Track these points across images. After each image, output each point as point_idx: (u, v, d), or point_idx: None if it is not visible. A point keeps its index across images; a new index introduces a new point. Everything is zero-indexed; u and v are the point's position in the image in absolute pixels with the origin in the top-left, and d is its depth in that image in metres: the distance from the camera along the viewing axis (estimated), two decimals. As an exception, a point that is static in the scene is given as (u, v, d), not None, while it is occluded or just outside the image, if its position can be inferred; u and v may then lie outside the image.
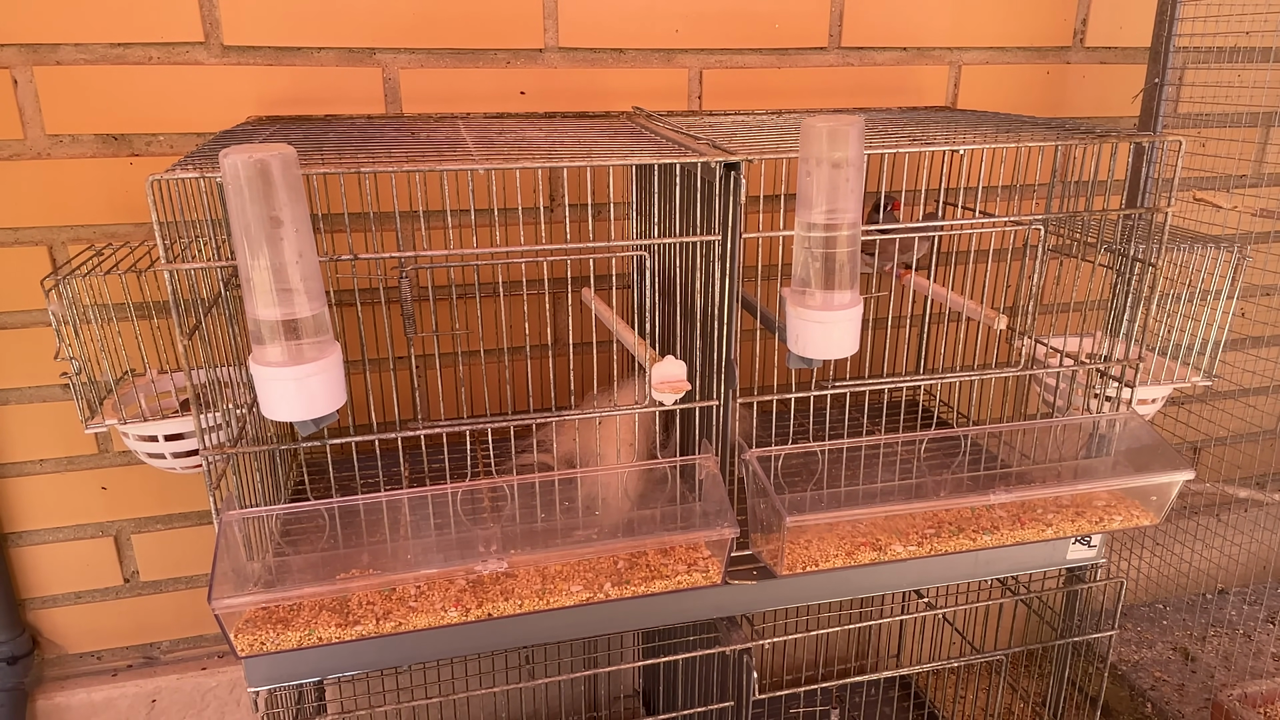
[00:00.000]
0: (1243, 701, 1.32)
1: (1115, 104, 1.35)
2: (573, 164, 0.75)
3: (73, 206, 1.05)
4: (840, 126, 0.69)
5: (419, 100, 1.10)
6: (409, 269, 0.82)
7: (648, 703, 1.42)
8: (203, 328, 0.75)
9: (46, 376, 1.10)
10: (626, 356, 1.12)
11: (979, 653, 1.15)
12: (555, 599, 0.81)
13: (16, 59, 0.99)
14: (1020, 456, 1.01)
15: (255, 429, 0.88)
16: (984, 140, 0.86)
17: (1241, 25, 1.21)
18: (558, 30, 1.11)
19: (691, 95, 1.19)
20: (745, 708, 0.97)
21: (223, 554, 0.73)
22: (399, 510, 0.82)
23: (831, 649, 1.54)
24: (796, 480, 0.94)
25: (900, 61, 1.25)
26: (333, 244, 1.10)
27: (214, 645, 1.28)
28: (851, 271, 0.74)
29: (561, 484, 0.88)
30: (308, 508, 0.80)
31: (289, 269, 0.61)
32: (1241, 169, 1.42)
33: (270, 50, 1.04)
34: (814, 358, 0.76)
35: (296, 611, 0.78)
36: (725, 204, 0.79)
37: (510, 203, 1.12)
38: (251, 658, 0.76)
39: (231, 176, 0.58)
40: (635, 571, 0.84)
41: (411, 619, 0.78)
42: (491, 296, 1.14)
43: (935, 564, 0.92)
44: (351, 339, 1.11)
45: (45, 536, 1.16)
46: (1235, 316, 1.48)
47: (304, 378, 0.63)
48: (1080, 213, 0.96)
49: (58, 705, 1.22)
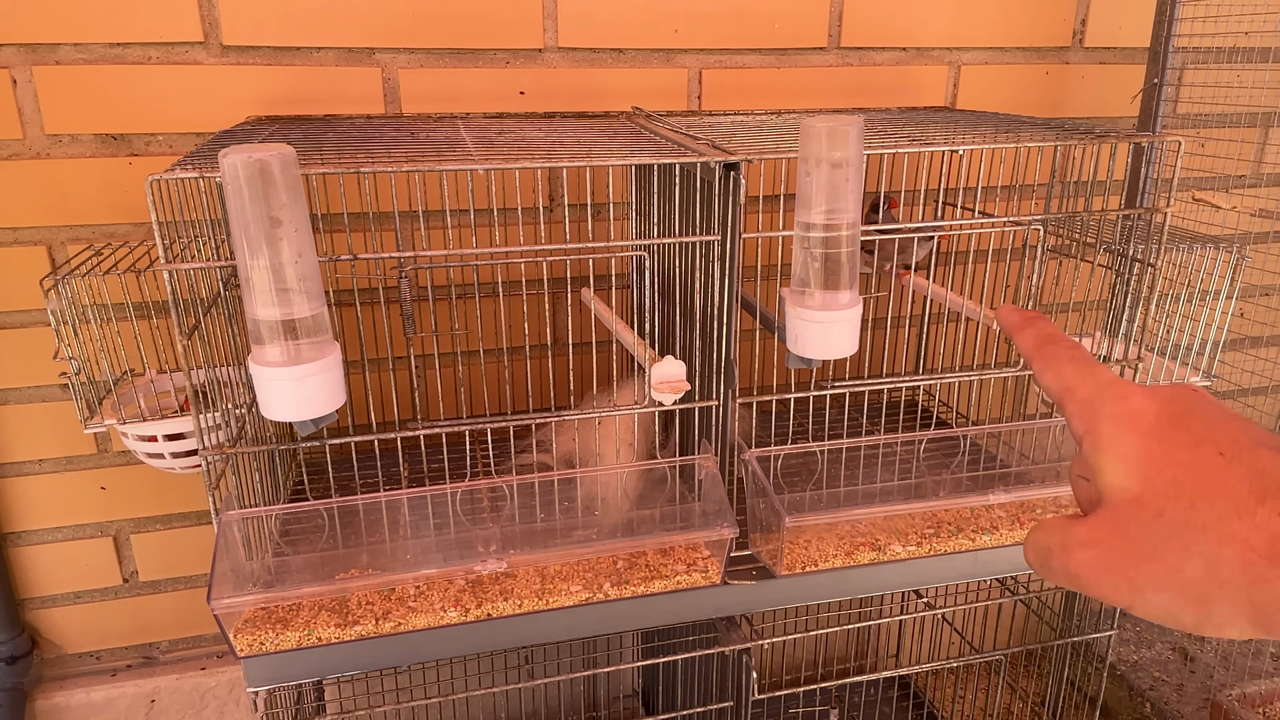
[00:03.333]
0: (1241, 701, 1.32)
1: (1114, 104, 1.35)
2: (572, 164, 0.75)
3: (72, 206, 1.04)
4: (840, 126, 0.69)
5: (418, 100, 1.10)
6: (408, 269, 0.82)
7: (647, 703, 1.42)
8: (202, 328, 0.75)
9: (46, 376, 1.09)
10: (626, 356, 1.12)
11: (978, 653, 1.15)
12: (555, 599, 0.81)
13: (16, 59, 0.99)
14: (1020, 456, 1.01)
15: (254, 429, 0.88)
16: (983, 140, 0.86)
17: (1241, 25, 1.21)
18: (557, 30, 1.11)
19: (691, 95, 1.19)
20: (745, 708, 0.97)
21: (222, 554, 0.73)
22: (398, 510, 0.82)
23: (831, 649, 1.54)
24: (796, 480, 0.94)
25: (899, 62, 1.25)
26: (332, 244, 1.10)
27: (213, 645, 1.28)
28: (851, 271, 0.74)
29: (561, 484, 0.88)
30: (307, 508, 0.80)
31: (288, 269, 0.61)
32: (1240, 169, 1.42)
33: (270, 50, 1.04)
34: (813, 358, 0.76)
35: (296, 611, 0.78)
36: (725, 204, 0.79)
37: (510, 203, 1.12)
38: (251, 658, 0.76)
39: (231, 176, 0.58)
40: (634, 571, 0.84)
41: (411, 619, 0.78)
42: (491, 296, 1.14)
43: (934, 564, 0.92)
44: (351, 339, 1.11)
45: (44, 536, 1.16)
46: (1234, 317, 1.48)
47: (303, 378, 0.63)
48: (1079, 213, 0.96)
49: (57, 705, 1.21)
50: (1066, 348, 0.38)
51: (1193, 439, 0.32)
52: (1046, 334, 0.40)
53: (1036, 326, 0.41)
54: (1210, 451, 0.31)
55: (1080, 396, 0.36)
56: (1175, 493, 0.31)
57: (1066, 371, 0.37)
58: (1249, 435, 0.32)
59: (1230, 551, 0.29)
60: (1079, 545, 0.33)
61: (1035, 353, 0.39)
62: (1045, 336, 0.40)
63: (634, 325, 1.00)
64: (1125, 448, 0.33)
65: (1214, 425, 0.32)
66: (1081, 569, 0.33)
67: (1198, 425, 0.32)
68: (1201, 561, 0.30)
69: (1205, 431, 0.32)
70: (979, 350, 1.04)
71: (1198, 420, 0.33)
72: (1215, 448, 0.31)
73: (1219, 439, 0.32)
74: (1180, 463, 0.31)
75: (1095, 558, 0.33)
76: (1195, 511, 0.30)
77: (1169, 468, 0.31)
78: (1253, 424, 0.33)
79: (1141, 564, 0.31)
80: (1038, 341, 0.39)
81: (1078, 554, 0.33)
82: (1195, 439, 0.32)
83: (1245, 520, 0.29)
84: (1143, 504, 0.32)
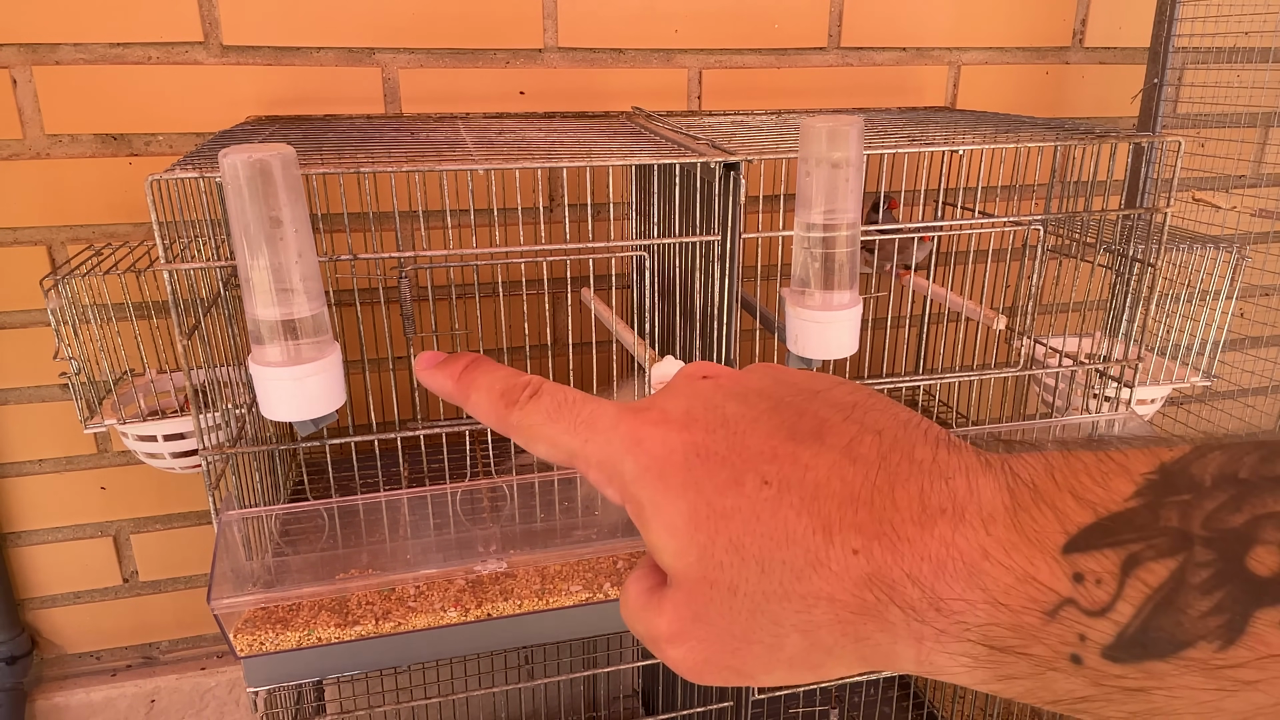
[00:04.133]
0: (1242, 701, 1.31)
1: (1114, 104, 1.35)
2: (572, 164, 0.75)
3: (72, 206, 1.04)
4: (840, 126, 0.69)
5: (418, 100, 1.10)
6: (408, 269, 0.82)
7: (647, 703, 1.42)
8: (202, 328, 0.75)
9: (46, 376, 1.09)
10: (626, 356, 1.12)
11: (978, 653, 1.15)
12: (555, 599, 0.81)
13: (16, 59, 0.99)
14: (1019, 456, 1.01)
15: (254, 429, 0.88)
16: (983, 140, 0.86)
17: (1241, 26, 1.21)
18: (557, 30, 1.11)
19: (691, 95, 1.19)
20: (745, 707, 0.97)
21: (222, 554, 0.73)
22: (398, 510, 0.82)
23: (831, 649, 1.54)
24: (796, 480, 0.94)
25: (900, 62, 1.25)
26: (332, 244, 1.10)
27: (213, 645, 1.28)
28: (851, 271, 0.74)
29: (561, 484, 0.88)
30: (307, 508, 0.80)
31: (288, 269, 0.61)
32: (1240, 169, 1.42)
33: (270, 50, 1.04)
34: (813, 358, 0.76)
35: (295, 611, 0.78)
36: (725, 204, 0.79)
37: (510, 203, 1.12)
38: (250, 658, 0.76)
39: (231, 176, 0.58)
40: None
41: (411, 619, 0.78)
42: (491, 296, 1.14)
43: (935, 564, 0.92)
44: (351, 339, 1.11)
45: (44, 536, 1.16)
46: (1234, 317, 1.48)
47: (303, 378, 0.63)
48: (1079, 213, 0.96)
49: (56, 705, 1.21)
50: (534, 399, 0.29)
51: (731, 473, 0.25)
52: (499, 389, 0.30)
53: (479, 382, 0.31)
54: (754, 484, 0.25)
55: (593, 460, 0.28)
56: (739, 559, 0.25)
57: (555, 434, 0.29)
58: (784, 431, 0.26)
59: (821, 615, 0.24)
60: (666, 642, 0.27)
61: (504, 424, 0.30)
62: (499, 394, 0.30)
63: (634, 325, 1.00)
64: (668, 516, 0.26)
65: (744, 437, 0.26)
66: (680, 667, 0.27)
67: (728, 446, 0.26)
68: (798, 635, 0.25)
69: (739, 453, 0.26)
70: (979, 350, 1.04)
71: (725, 437, 0.26)
72: (758, 477, 0.25)
73: (757, 459, 0.25)
74: (728, 514, 0.25)
75: (688, 654, 0.27)
76: (768, 578, 0.25)
77: (721, 526, 0.25)
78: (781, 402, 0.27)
79: (739, 650, 0.26)
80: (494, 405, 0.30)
81: (670, 651, 0.27)
82: (734, 472, 0.25)
83: (822, 572, 0.24)
84: (712, 582, 0.25)
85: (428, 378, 0.31)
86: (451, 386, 0.31)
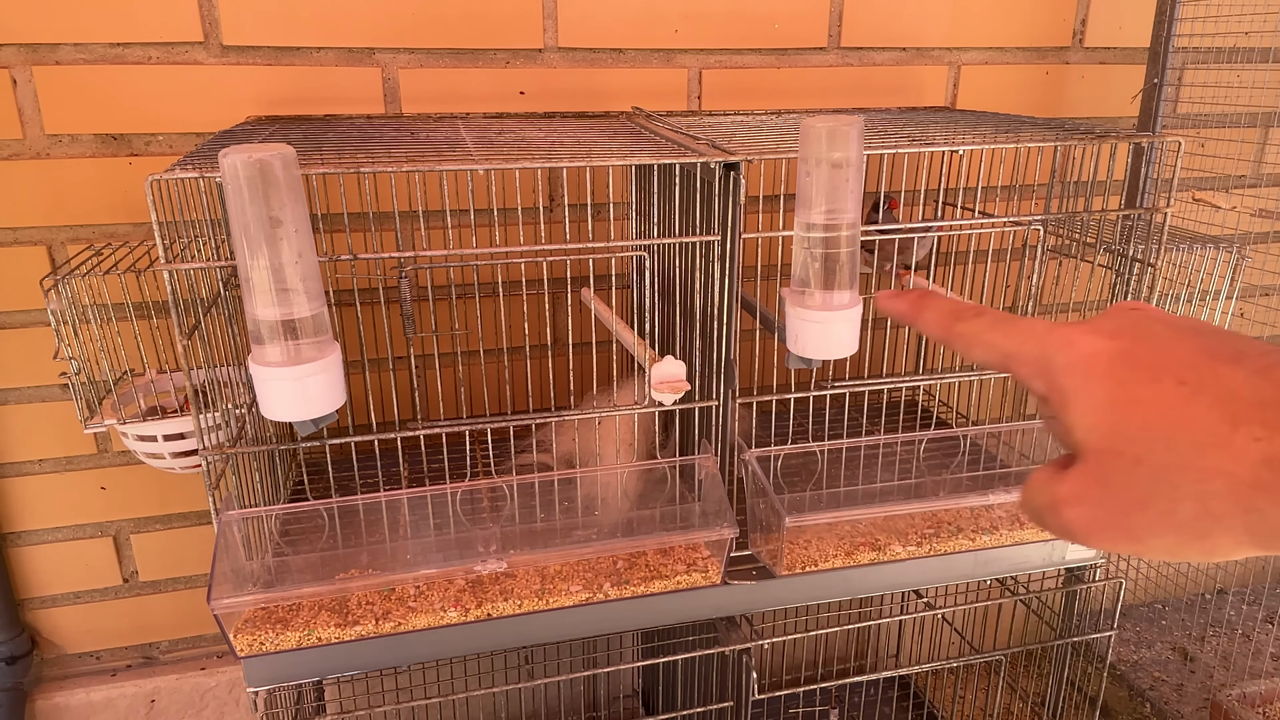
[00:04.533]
0: (1241, 701, 1.32)
1: (1114, 104, 1.35)
2: (572, 164, 0.75)
3: (72, 206, 1.04)
4: (840, 126, 0.69)
5: (418, 100, 1.10)
6: (408, 269, 0.82)
7: (647, 703, 1.42)
8: (202, 328, 0.75)
9: (46, 376, 1.09)
10: (626, 356, 1.12)
11: (978, 653, 1.15)
12: (555, 599, 0.81)
13: (16, 59, 0.99)
14: (1020, 456, 1.01)
15: (254, 429, 0.88)
16: (983, 140, 0.86)
17: (1241, 26, 1.21)
18: (557, 30, 1.11)
19: (691, 95, 1.19)
20: (745, 708, 0.97)
21: (222, 554, 0.73)
22: (398, 510, 0.82)
23: (831, 649, 1.54)
24: (796, 480, 0.94)
25: (899, 62, 1.25)
26: (332, 244, 1.10)
27: (213, 645, 1.28)
28: (851, 271, 0.74)
29: (561, 484, 0.88)
30: (307, 508, 0.80)
31: (288, 269, 0.61)
32: (1240, 169, 1.42)
33: (270, 50, 1.04)
34: (813, 358, 0.76)
35: (295, 611, 0.78)
36: (725, 204, 0.79)
37: (510, 203, 1.12)
38: (250, 658, 0.76)
39: (231, 176, 0.58)
40: (634, 571, 0.84)
41: (411, 619, 0.78)
42: (491, 296, 1.14)
43: (934, 564, 0.92)
44: (351, 339, 1.11)
45: (44, 536, 1.16)
46: (1234, 317, 1.48)
47: (303, 378, 0.63)
48: (1079, 213, 0.96)
49: (56, 705, 1.21)
50: (978, 316, 0.36)
51: (1150, 373, 0.31)
52: (948, 310, 0.37)
53: (931, 304, 0.38)
54: (1171, 384, 0.30)
55: (1026, 359, 0.34)
56: (1148, 436, 0.30)
57: (996, 340, 0.35)
58: (1204, 351, 0.30)
59: (1217, 486, 0.28)
60: (1065, 504, 0.32)
61: (949, 333, 0.37)
62: (949, 313, 0.37)
63: (634, 325, 1.00)
64: (1088, 399, 0.32)
65: (1167, 350, 0.31)
66: (1074, 526, 0.32)
67: (1151, 354, 0.31)
68: (1192, 501, 0.29)
69: (1160, 360, 0.31)
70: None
71: (1149, 348, 0.31)
72: (1174, 377, 0.30)
73: (1176, 366, 0.30)
74: (1144, 402, 0.30)
75: (1085, 514, 0.32)
76: (1173, 452, 0.29)
77: (1135, 410, 0.30)
78: (1202, 331, 0.32)
79: (1133, 513, 0.31)
80: (943, 320, 0.37)
81: (1066, 513, 0.32)
82: (1153, 372, 0.31)
83: (1224, 452, 0.28)
84: (1119, 453, 0.31)
85: (887, 304, 0.40)
86: (905, 307, 0.39)
